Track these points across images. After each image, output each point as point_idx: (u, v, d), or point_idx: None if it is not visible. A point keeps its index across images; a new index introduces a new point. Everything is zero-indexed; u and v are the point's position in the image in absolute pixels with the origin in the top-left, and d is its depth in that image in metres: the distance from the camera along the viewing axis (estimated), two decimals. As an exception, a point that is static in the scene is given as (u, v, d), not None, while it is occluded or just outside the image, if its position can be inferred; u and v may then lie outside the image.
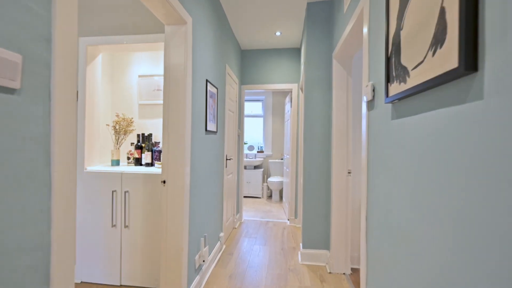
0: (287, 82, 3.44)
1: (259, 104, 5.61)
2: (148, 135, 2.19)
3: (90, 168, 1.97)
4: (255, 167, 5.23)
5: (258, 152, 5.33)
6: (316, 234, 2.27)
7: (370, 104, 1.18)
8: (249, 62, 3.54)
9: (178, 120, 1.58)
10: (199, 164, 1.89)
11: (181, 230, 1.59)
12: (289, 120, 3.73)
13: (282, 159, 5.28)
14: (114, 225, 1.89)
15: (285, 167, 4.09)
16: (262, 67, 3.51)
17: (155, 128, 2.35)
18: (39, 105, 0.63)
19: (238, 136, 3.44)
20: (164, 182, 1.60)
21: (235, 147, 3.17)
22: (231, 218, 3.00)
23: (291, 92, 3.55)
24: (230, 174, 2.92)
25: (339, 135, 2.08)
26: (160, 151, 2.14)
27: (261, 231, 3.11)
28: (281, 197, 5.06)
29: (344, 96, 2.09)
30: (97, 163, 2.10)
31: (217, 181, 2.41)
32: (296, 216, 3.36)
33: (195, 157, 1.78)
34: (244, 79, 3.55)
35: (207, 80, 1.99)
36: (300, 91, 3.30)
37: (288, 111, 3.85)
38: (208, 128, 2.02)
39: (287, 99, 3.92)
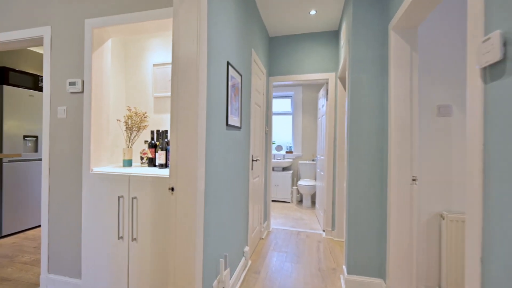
0: (322, 71, 2.95)
1: (288, 100, 5.15)
2: (163, 131, 1.89)
3: (97, 169, 1.71)
4: (284, 169, 4.79)
5: (286, 152, 4.88)
6: (366, 256, 1.77)
7: (494, 70, 0.70)
8: (278, 50, 3.12)
9: (188, 110, 1.23)
10: (219, 166, 1.52)
11: (192, 251, 1.23)
12: (323, 117, 3.24)
13: (313, 160, 4.77)
14: (121, 237, 1.61)
15: (318, 170, 3.59)
16: (292, 55, 3.07)
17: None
18: None
19: (266, 134, 3.04)
20: (172, 189, 1.25)
21: (262, 146, 2.78)
22: (257, 227, 2.61)
23: (327, 83, 3.05)
24: (256, 177, 2.53)
25: (400, 131, 1.57)
26: (174, 150, 1.82)
27: (292, 243, 2.67)
28: (313, 203, 4.55)
29: (406, 78, 1.57)
30: (107, 163, 1.85)
31: (242, 185, 2.03)
32: (333, 228, 2.86)
33: (212, 157, 1.42)
34: (272, 70, 3.14)
35: (228, 63, 1.62)
36: (338, 81, 2.79)
37: (322, 106, 3.36)
38: (229, 122, 1.65)
39: (321, 92, 3.42)
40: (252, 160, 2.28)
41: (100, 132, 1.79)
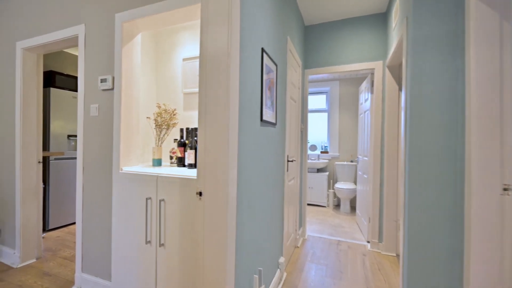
0: (366, 60, 2.60)
1: (322, 97, 4.80)
2: (192, 129, 1.76)
3: (126, 168, 1.64)
4: (318, 170, 4.46)
5: (321, 152, 4.54)
6: (434, 282, 1.43)
7: None
8: (314, 40, 2.84)
9: (218, 103, 1.05)
10: (252, 167, 1.33)
11: (222, 265, 1.05)
12: (367, 113, 2.87)
13: (352, 161, 4.36)
14: (149, 242, 1.51)
15: (359, 172, 3.22)
16: (331, 45, 2.76)
17: (200, 121, 1.92)
18: None
19: (301, 132, 2.78)
20: (200, 194, 1.09)
21: (297, 145, 2.53)
22: (292, 234, 2.37)
23: (372, 74, 2.69)
24: (292, 180, 2.29)
25: (484, 126, 1.21)
26: (204, 149, 1.68)
27: (332, 255, 2.38)
28: (352, 208, 4.15)
29: (494, 56, 1.21)
30: (137, 162, 1.78)
31: (276, 189, 1.82)
32: (381, 239, 2.49)
33: (245, 157, 1.23)
34: (308, 62, 2.87)
35: (263, 50, 1.42)
36: (387, 70, 2.42)
37: (365, 101, 2.98)
38: (264, 118, 1.45)
39: (364, 85, 3.05)
40: (288, 161, 2.05)
41: (130, 130, 1.73)
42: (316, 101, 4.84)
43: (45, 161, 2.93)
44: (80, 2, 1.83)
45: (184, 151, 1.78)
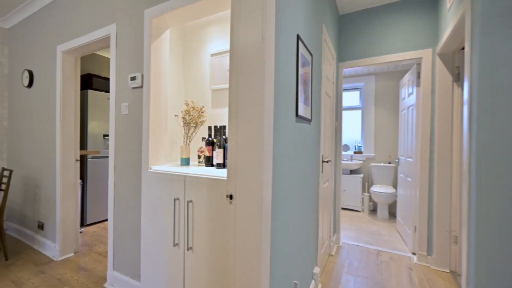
0: (411, 48, 2.31)
1: (356, 93, 4.48)
2: (221, 127, 1.67)
3: (155, 167, 1.60)
4: (351, 172, 4.16)
5: (355, 153, 4.23)
6: (508, 312, 1.16)
7: None
8: (350, 30, 2.61)
9: (251, 96, 0.93)
10: (286, 168, 1.19)
11: (256, 278, 0.93)
12: (411, 109, 2.56)
13: (390, 162, 3.99)
14: (177, 244, 1.44)
15: (401, 174, 2.90)
16: (369, 34, 2.51)
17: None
18: None
19: (336, 130, 2.57)
20: (231, 197, 0.98)
21: (331, 145, 2.33)
22: (326, 242, 2.18)
23: (419, 64, 2.38)
24: (326, 182, 2.10)
25: None
26: (233, 148, 1.58)
27: (372, 266, 2.14)
28: (391, 215, 3.80)
29: None
30: (165, 161, 1.74)
31: (311, 192, 1.66)
32: (430, 252, 2.19)
33: (279, 157, 1.09)
34: (342, 54, 2.64)
35: (298, 37, 1.27)
36: (437, 59, 2.12)
37: (409, 95, 2.67)
38: (299, 113, 1.30)
39: (407, 78, 2.74)
40: (322, 161, 1.87)
41: (159, 128, 1.69)
42: (349, 98, 4.53)
43: (83, 160, 3.08)
44: (112, 1, 1.85)
45: (212, 150, 1.70)
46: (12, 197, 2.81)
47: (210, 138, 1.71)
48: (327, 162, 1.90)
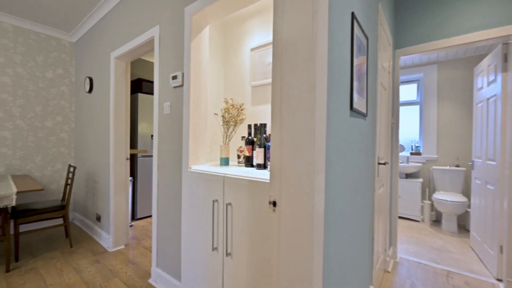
0: (495, 24, 1.86)
1: (413, 86, 3.93)
2: (261, 125, 1.56)
3: (194, 167, 1.57)
4: (408, 176, 3.65)
5: (411, 154, 3.70)
6: None
7: None
8: (409, 10, 2.25)
9: (299, 84, 0.78)
10: (340, 172, 1.00)
11: (304, 303, 0.78)
12: (493, 100, 2.08)
13: (458, 165, 3.38)
14: (216, 248, 1.37)
15: (476, 180, 2.39)
16: (435, 11, 2.12)
17: (269, 116, 1.71)
18: None
19: (392, 128, 2.24)
20: (274, 204, 0.84)
21: (387, 144, 2.02)
22: (382, 256, 1.89)
23: (506, 43, 1.91)
24: (381, 187, 1.82)
25: None
26: (274, 148, 1.45)
27: (441, 290, 1.78)
28: (461, 227, 3.21)
29: None
30: (205, 160, 1.70)
31: (365, 198, 1.43)
32: (523, 281, 1.72)
33: (332, 158, 0.92)
34: (400, 39, 2.29)
35: (353, 16, 1.07)
36: (535, 33, 1.66)
37: (491, 83, 2.18)
38: (354, 105, 1.10)
39: (486, 63, 2.25)
40: (378, 163, 1.61)
41: (198, 127, 1.65)
42: (404, 92, 4.00)
43: (134, 158, 3.31)
44: (155, 3, 1.89)
45: (252, 149, 1.59)
46: (77, 190, 3.15)
47: (250, 137, 1.61)
48: (384, 164, 1.63)
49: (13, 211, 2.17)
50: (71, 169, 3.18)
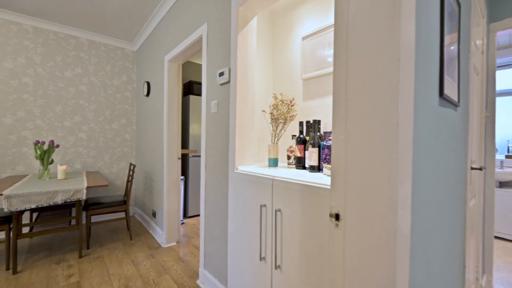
0: None
1: (510, 71, 3.13)
2: (314, 122, 1.36)
3: (241, 168, 1.47)
4: (502, 185, 2.92)
5: (507, 157, 2.95)
6: None
7: None
8: (510, -28, 1.74)
9: (374, 64, 0.58)
10: (426, 178, 0.75)
11: None
12: None
13: None
14: (263, 258, 1.24)
15: None
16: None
17: (324, 112, 1.50)
18: None
19: (485, 123, 1.76)
20: (337, 217, 0.66)
21: (480, 144, 1.59)
22: (473, 286, 1.48)
23: None
24: (473, 198, 1.42)
25: None
26: (331, 147, 1.24)
27: None
28: None
29: None
30: (252, 161, 1.59)
31: (456, 213, 1.10)
32: None
33: (417, 160, 0.68)
34: (496, 10, 1.79)
35: (443, -28, 0.80)
36: None
37: None
38: (445, 91, 0.83)
39: None
40: (471, 168, 1.24)
41: (245, 126, 1.55)
42: (500, 78, 3.23)
43: (186, 158, 3.44)
44: (203, 2, 1.87)
45: (304, 149, 1.41)
46: (137, 187, 3.44)
47: (301, 136, 1.43)
48: (479, 169, 1.25)
49: (85, 203, 2.44)
50: (131, 167, 3.49)
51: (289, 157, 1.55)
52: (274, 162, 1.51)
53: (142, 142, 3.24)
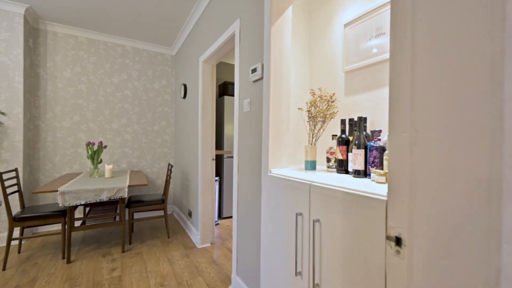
0: None
1: None
2: (360, 120, 1.18)
3: (275, 170, 1.35)
4: None
5: None
6: None
7: None
8: None
9: (456, 26, 0.41)
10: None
11: None
12: None
13: None
14: (299, 273, 1.10)
15: None
16: None
17: (370, 108, 1.30)
18: None
19: None
20: (398, 241, 0.50)
21: None
22: None
23: None
24: None
25: None
26: (382, 149, 1.06)
27: None
28: None
29: None
30: (287, 163, 1.46)
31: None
32: None
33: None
34: None
35: None
36: None
37: None
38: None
39: None
40: None
41: (280, 125, 1.43)
42: None
43: (221, 159, 3.45)
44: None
45: (347, 151, 1.24)
46: (175, 186, 3.56)
47: (343, 136, 1.26)
48: None
49: (129, 201, 2.58)
50: (169, 168, 3.63)
51: (328, 160, 1.38)
52: (311, 165, 1.36)
53: (180, 143, 3.35)
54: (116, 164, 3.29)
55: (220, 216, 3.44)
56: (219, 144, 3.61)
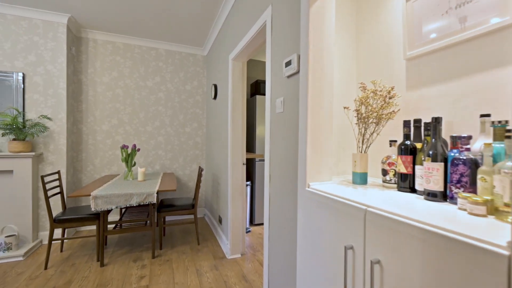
0: None
1: None
2: (436, 121, 0.86)
3: (314, 184, 1.10)
4: None
5: None
6: None
7: None
8: None
9: None
10: None
11: None
12: None
13: None
14: (349, 325, 0.84)
15: None
16: None
17: (444, 106, 0.96)
18: None
19: None
20: None
21: None
22: None
23: None
24: None
25: None
26: (474, 163, 0.74)
27: None
28: None
29: None
30: (329, 175, 1.19)
31: None
32: None
33: None
34: None
35: None
36: None
37: None
38: None
39: None
40: None
41: (320, 128, 1.16)
42: None
43: (252, 162, 3.26)
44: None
45: (413, 163, 0.93)
46: (206, 189, 3.48)
47: (407, 142, 0.95)
48: None
49: (161, 204, 2.54)
50: (200, 171, 3.56)
51: (385, 172, 1.07)
52: (361, 178, 1.08)
53: (210, 145, 3.25)
54: (150, 166, 3.32)
55: (252, 223, 3.26)
56: (250, 147, 3.43)
